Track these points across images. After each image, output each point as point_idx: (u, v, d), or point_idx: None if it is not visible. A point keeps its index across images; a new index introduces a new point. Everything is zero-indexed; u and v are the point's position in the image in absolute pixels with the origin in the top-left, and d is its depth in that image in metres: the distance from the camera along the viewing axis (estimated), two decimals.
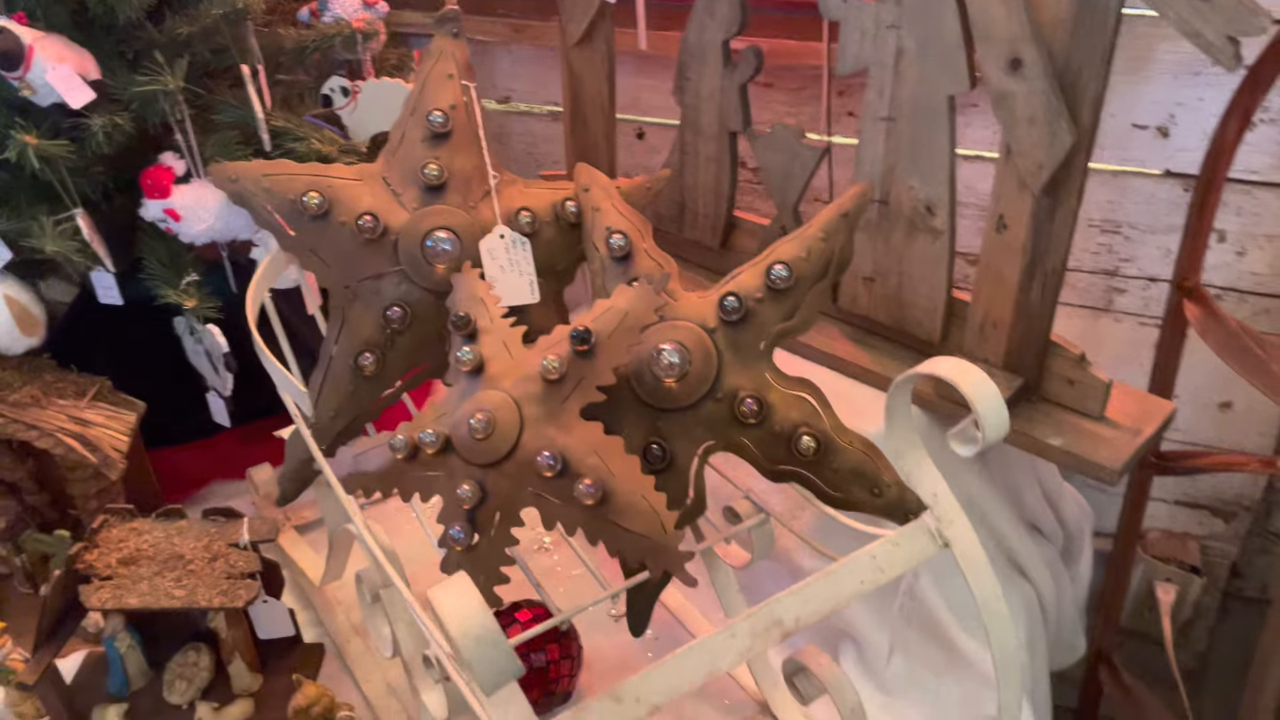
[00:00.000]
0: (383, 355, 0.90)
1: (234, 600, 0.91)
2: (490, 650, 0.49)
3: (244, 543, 0.95)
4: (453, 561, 0.79)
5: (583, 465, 0.76)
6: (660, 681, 0.60)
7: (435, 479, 0.82)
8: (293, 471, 0.93)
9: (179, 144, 1.05)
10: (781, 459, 0.83)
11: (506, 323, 0.85)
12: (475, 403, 0.79)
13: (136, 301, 1.22)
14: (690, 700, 1.01)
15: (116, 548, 0.94)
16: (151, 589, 0.91)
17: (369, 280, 0.91)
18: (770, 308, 0.84)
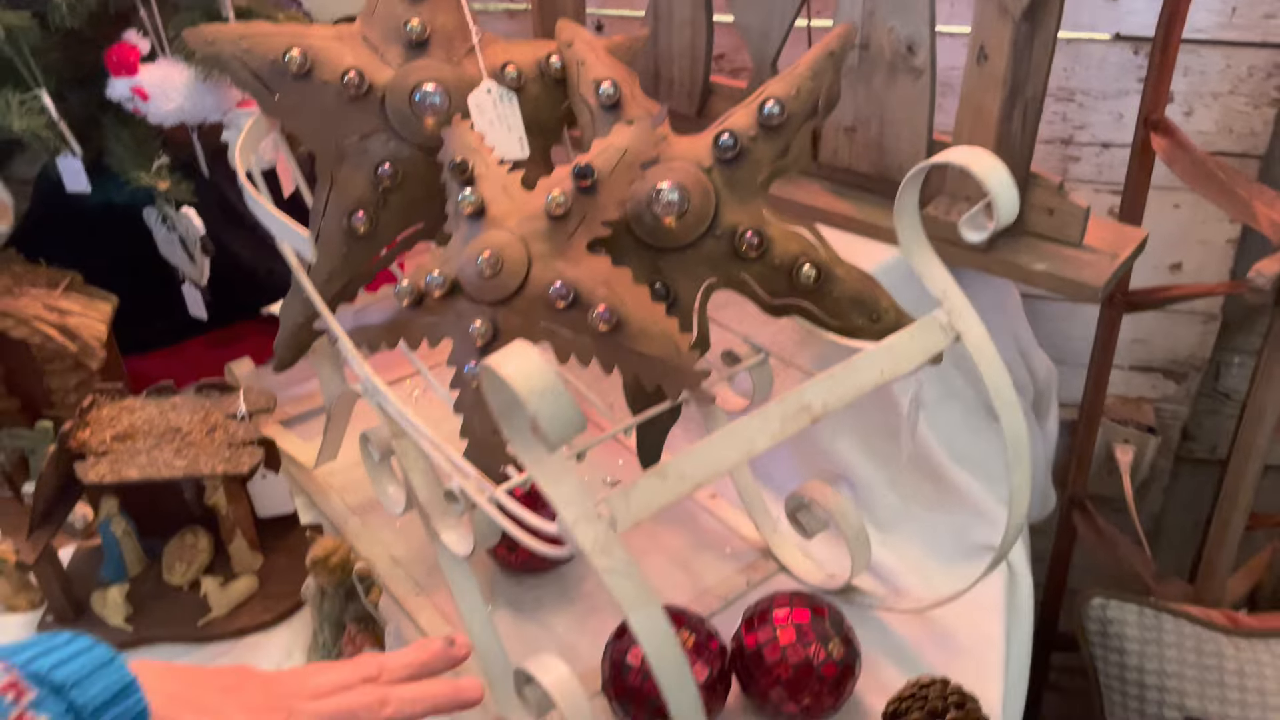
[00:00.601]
0: (375, 214, 0.90)
1: (238, 466, 0.90)
2: (558, 401, 0.50)
3: (241, 414, 0.95)
4: (468, 400, 0.80)
5: (594, 295, 0.77)
6: (701, 459, 0.62)
7: (441, 323, 0.82)
8: (289, 337, 0.92)
9: (143, 22, 1.02)
10: (783, 291, 0.85)
11: (503, 168, 0.85)
12: (481, 243, 0.80)
13: (103, 203, 1.20)
14: (694, 550, 1.03)
15: (109, 425, 0.93)
16: (150, 461, 0.90)
17: (356, 140, 0.90)
18: (764, 145, 0.85)
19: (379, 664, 0.64)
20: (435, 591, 0.99)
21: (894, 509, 1.02)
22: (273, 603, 0.97)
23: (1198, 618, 1.00)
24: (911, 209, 0.74)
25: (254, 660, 0.93)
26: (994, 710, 0.86)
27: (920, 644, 0.91)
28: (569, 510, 0.57)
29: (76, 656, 0.53)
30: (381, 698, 0.61)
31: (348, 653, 0.86)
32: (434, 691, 0.64)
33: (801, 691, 0.81)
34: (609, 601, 0.98)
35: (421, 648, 0.66)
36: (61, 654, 0.52)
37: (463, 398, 0.80)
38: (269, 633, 0.95)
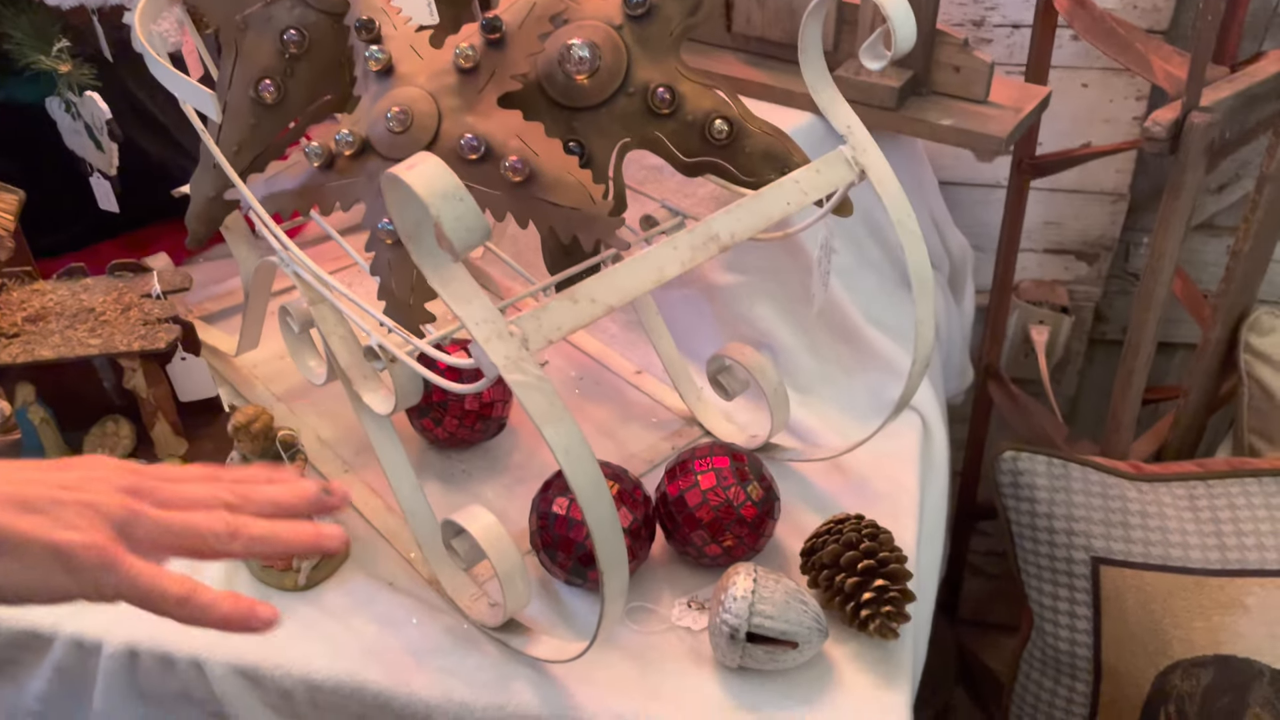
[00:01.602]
0: (282, 83, 0.88)
1: (155, 343, 0.89)
2: (461, 204, 0.50)
3: (156, 293, 0.93)
4: (384, 261, 0.80)
5: (505, 147, 0.77)
6: (611, 283, 0.63)
7: (354, 184, 0.82)
8: (201, 210, 0.91)
9: None
10: (696, 149, 0.86)
11: (411, 27, 0.84)
12: (390, 99, 0.79)
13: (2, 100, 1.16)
14: (620, 421, 1.05)
15: (20, 308, 0.91)
16: (64, 340, 0.89)
17: (260, 7, 0.88)
18: (674, 1, 0.86)
19: (242, 494, 0.58)
20: (364, 469, 0.99)
21: (812, 372, 1.05)
22: None
23: (1103, 465, 1.05)
24: (815, 45, 0.75)
25: None
26: (909, 549, 0.89)
27: (838, 492, 0.94)
28: (480, 329, 0.58)
29: None
30: (232, 529, 0.55)
31: None
32: (291, 534, 0.57)
33: (723, 533, 0.83)
34: (539, 471, 1.01)
35: (292, 489, 0.60)
36: None
37: (379, 259, 0.80)
38: None
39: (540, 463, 1.01)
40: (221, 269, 1.27)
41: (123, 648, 0.83)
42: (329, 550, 0.59)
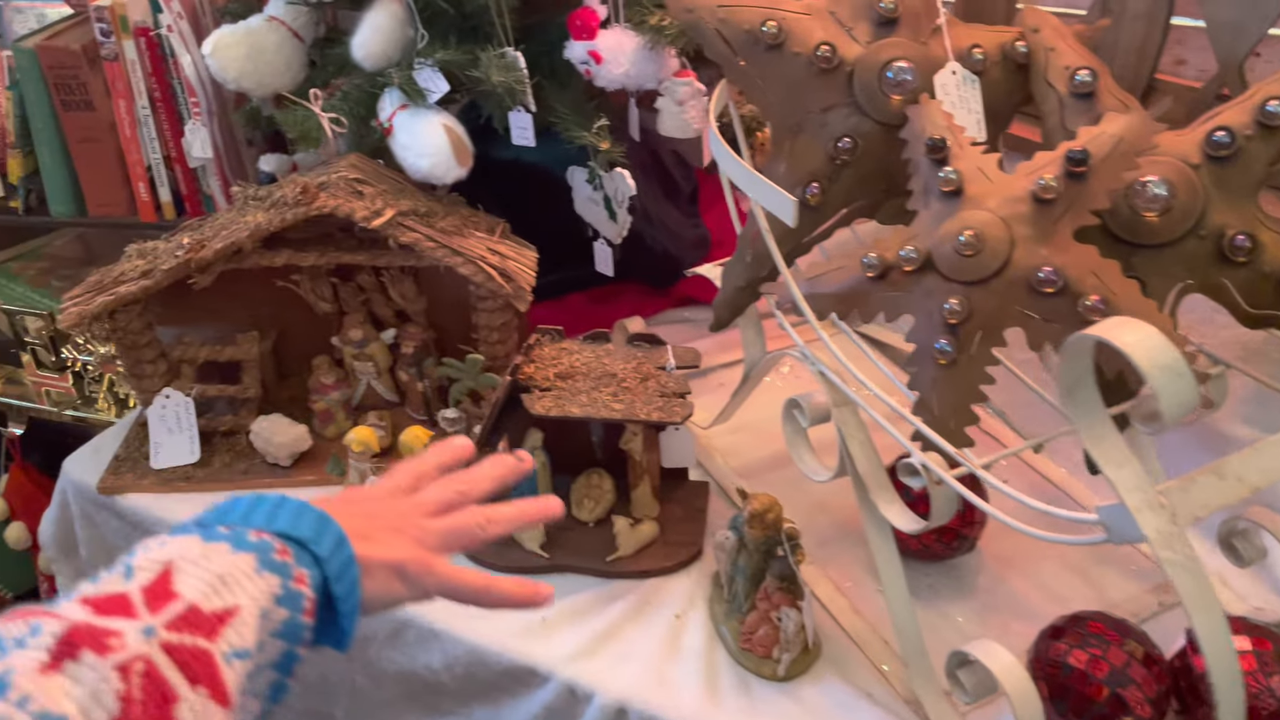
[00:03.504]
0: (827, 187, 0.91)
1: (671, 415, 0.94)
2: (1180, 380, 0.49)
3: (671, 367, 0.99)
4: (928, 378, 0.80)
5: (1083, 284, 0.75)
6: (1259, 462, 0.59)
7: (904, 298, 0.82)
8: (729, 298, 0.95)
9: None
10: (1268, 303, 0.80)
11: (978, 149, 0.84)
12: (960, 221, 0.79)
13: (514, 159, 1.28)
14: (1094, 561, 0.99)
15: (551, 363, 0.99)
16: (591, 401, 0.96)
17: (817, 112, 0.92)
18: (1260, 145, 0.80)
19: (469, 482, 0.68)
20: (827, 563, 1.00)
21: None
22: (672, 550, 1.01)
23: None
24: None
25: (658, 603, 0.97)
26: None
27: None
28: (1132, 496, 0.56)
29: (299, 515, 0.58)
30: (488, 518, 0.66)
31: (762, 609, 0.89)
32: (525, 509, 0.69)
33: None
34: (1008, 600, 0.97)
35: (497, 463, 0.71)
36: (286, 514, 0.58)
37: (922, 375, 0.80)
38: (669, 578, 1.00)
39: (1008, 591, 0.97)
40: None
41: (613, 702, 0.88)
42: (553, 515, 0.70)
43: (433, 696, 1.01)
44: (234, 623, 0.51)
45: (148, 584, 0.50)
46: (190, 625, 0.49)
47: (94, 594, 0.50)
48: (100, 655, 0.46)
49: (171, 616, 0.49)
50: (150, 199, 1.56)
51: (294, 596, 0.54)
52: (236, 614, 0.51)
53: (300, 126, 1.11)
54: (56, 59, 1.47)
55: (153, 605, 0.49)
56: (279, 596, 0.53)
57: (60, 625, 0.46)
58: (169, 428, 1.12)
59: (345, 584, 0.58)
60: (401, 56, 1.09)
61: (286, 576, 0.54)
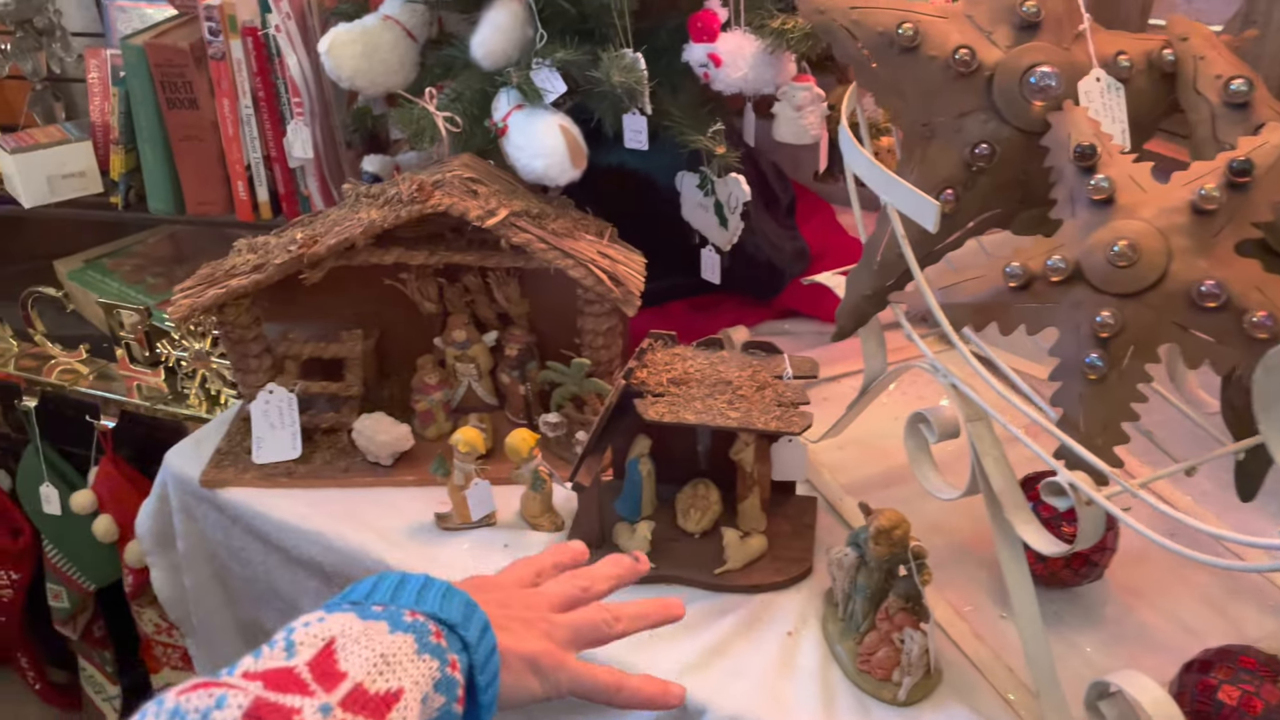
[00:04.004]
0: (961, 194, 0.88)
1: (790, 426, 0.92)
2: None
3: (788, 375, 0.96)
4: (1074, 393, 0.76)
5: (1247, 300, 0.72)
6: None
7: (1048, 310, 0.79)
8: (853, 307, 0.93)
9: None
10: None
11: (1129, 157, 0.81)
12: (1113, 231, 0.76)
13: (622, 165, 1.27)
14: (1228, 594, 0.95)
15: (665, 369, 0.97)
16: (706, 408, 0.93)
17: (952, 118, 0.89)
18: None
19: (589, 576, 0.70)
20: (945, 586, 0.96)
21: None
22: (782, 565, 0.98)
23: None
24: None
25: (768, 619, 0.94)
26: None
27: None
28: None
29: (446, 597, 0.57)
30: (615, 615, 0.68)
31: (883, 630, 0.86)
32: (649, 610, 0.71)
33: None
34: (1137, 632, 0.93)
35: (615, 563, 0.72)
36: (434, 595, 0.57)
37: (1068, 391, 0.77)
38: (779, 594, 0.97)
39: (1138, 622, 0.93)
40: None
41: (726, 718, 0.85)
42: (676, 617, 0.72)
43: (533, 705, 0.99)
44: (399, 705, 0.50)
45: (312, 660, 0.50)
46: (360, 706, 0.49)
47: (261, 669, 0.49)
48: None
49: (343, 695, 0.49)
50: (248, 198, 1.58)
51: (450, 683, 0.54)
52: (401, 697, 0.50)
53: (415, 125, 1.10)
54: (164, 57, 1.50)
55: (322, 683, 0.49)
56: (438, 681, 0.53)
57: (245, 699, 0.46)
58: (271, 423, 1.12)
59: (489, 674, 0.57)
60: (520, 56, 1.09)
61: (443, 661, 0.54)
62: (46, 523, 1.71)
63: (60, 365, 1.62)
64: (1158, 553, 0.98)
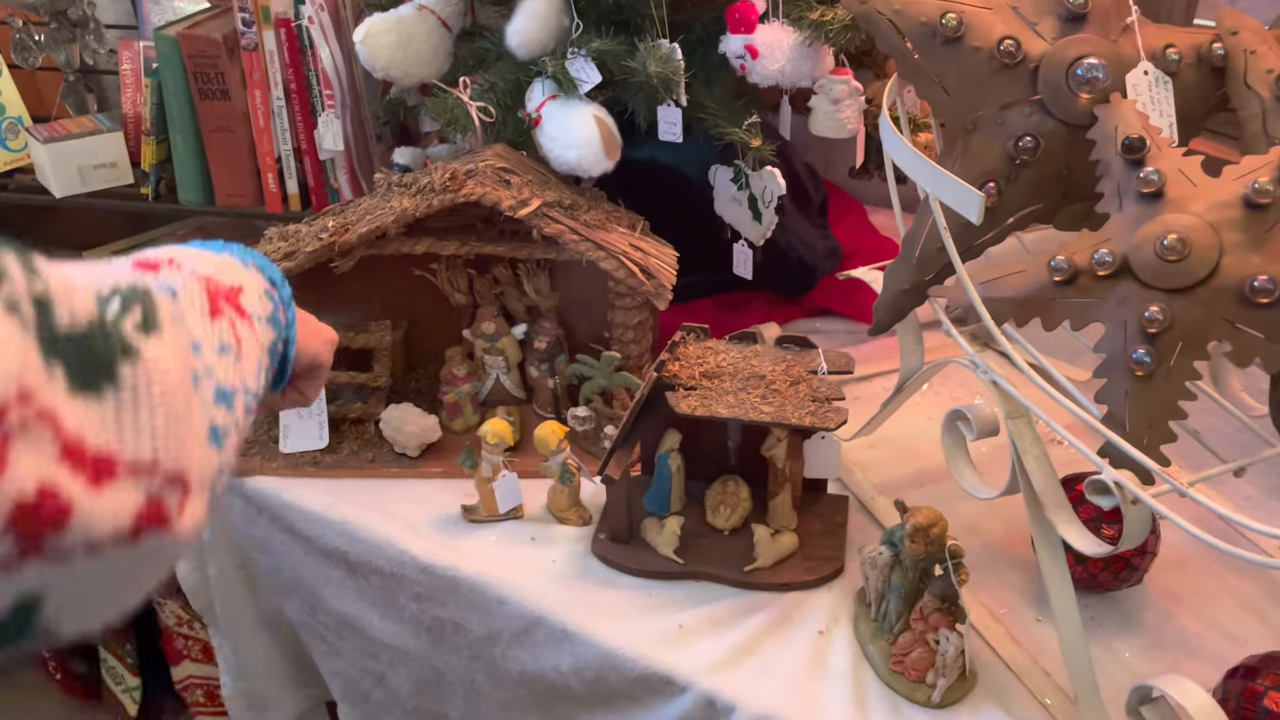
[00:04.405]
0: (1003, 188, 0.87)
1: (825, 421, 0.90)
2: None
3: (823, 370, 0.95)
4: (1119, 391, 0.75)
5: None
6: None
7: (1094, 305, 0.77)
8: (891, 301, 0.91)
9: None
10: None
11: (1178, 150, 0.79)
12: (1162, 224, 0.74)
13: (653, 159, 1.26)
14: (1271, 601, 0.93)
15: (697, 362, 0.96)
16: (738, 402, 0.92)
17: (995, 110, 0.87)
18: None
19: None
20: (978, 587, 0.94)
21: None
22: (813, 564, 0.97)
23: None
24: None
25: (799, 618, 0.93)
26: None
27: None
28: None
29: (266, 260, 0.67)
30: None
31: (917, 630, 0.84)
32: None
33: None
34: (1177, 638, 0.91)
35: None
36: (256, 255, 0.67)
37: (1113, 387, 0.75)
38: (810, 592, 0.95)
39: (1177, 628, 0.91)
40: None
41: (756, 718, 0.83)
42: None
43: (556, 701, 0.98)
44: (244, 294, 0.59)
45: (165, 261, 0.56)
46: (211, 285, 0.56)
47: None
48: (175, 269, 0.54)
49: (202, 272, 0.56)
50: (278, 190, 1.57)
51: (274, 298, 0.65)
52: (243, 289, 0.60)
53: (449, 114, 1.10)
54: (197, 48, 1.49)
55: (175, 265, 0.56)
56: (266, 290, 0.63)
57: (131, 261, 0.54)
58: (299, 412, 1.11)
59: (289, 319, 0.68)
60: (555, 45, 1.08)
61: (269, 281, 0.65)
62: None
63: None
64: (1198, 557, 0.98)
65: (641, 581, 0.97)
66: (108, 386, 0.40)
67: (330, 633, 1.13)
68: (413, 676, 1.09)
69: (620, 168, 1.13)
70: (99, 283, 0.44)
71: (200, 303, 0.53)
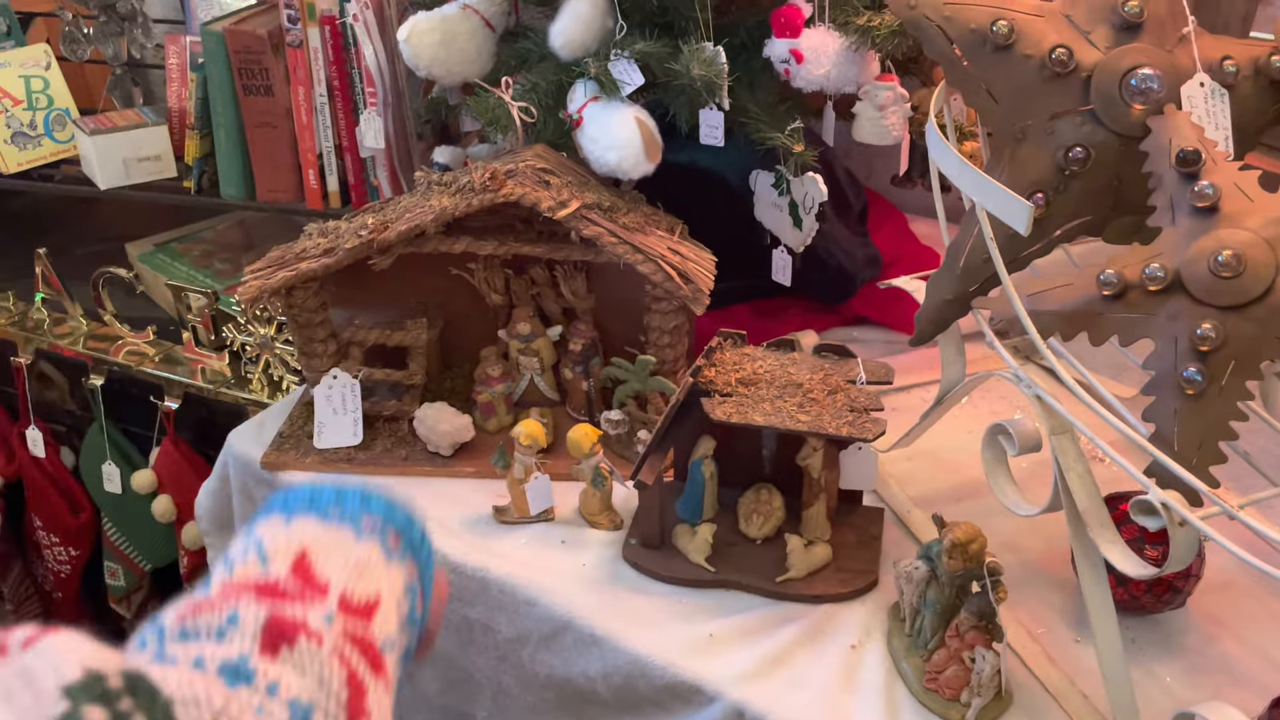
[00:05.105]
0: (1051, 199, 0.85)
1: (863, 432, 0.89)
2: None
3: (861, 380, 0.94)
4: (1168, 409, 0.73)
5: None
6: None
7: (1143, 321, 0.76)
8: (933, 311, 0.90)
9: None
10: None
11: (1234, 164, 0.78)
12: (1216, 240, 0.73)
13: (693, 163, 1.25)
14: None
15: (734, 369, 0.95)
16: (775, 410, 0.91)
17: (1044, 119, 0.86)
18: None
19: None
20: (1016, 606, 0.93)
21: None
22: (847, 577, 0.95)
23: None
24: None
25: (831, 631, 0.91)
26: None
27: None
28: None
29: (390, 505, 0.55)
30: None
31: (952, 648, 0.82)
32: None
33: None
34: (1220, 663, 0.89)
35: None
36: (379, 502, 0.54)
37: (1162, 406, 0.73)
38: (843, 605, 0.94)
39: (1220, 653, 0.89)
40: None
41: None
42: None
43: (583, 706, 0.97)
44: (380, 611, 0.49)
45: (290, 570, 0.48)
46: (350, 610, 0.47)
47: (241, 582, 0.47)
48: (315, 644, 0.43)
49: (336, 602, 0.47)
50: (318, 186, 1.58)
51: (411, 589, 0.53)
52: (380, 603, 0.49)
53: (490, 114, 1.10)
54: (243, 43, 1.51)
55: (308, 594, 0.47)
56: (407, 585, 0.52)
57: (260, 612, 0.44)
58: (334, 408, 1.11)
59: (428, 576, 0.56)
60: (598, 47, 1.07)
61: (405, 565, 0.53)
62: (107, 500, 1.72)
63: (128, 346, 1.64)
64: (1243, 580, 0.95)
65: (672, 588, 0.96)
66: None
67: None
68: (440, 676, 1.08)
69: (660, 171, 1.12)
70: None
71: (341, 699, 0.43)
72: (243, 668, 0.41)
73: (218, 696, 0.38)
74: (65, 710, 0.33)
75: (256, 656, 0.42)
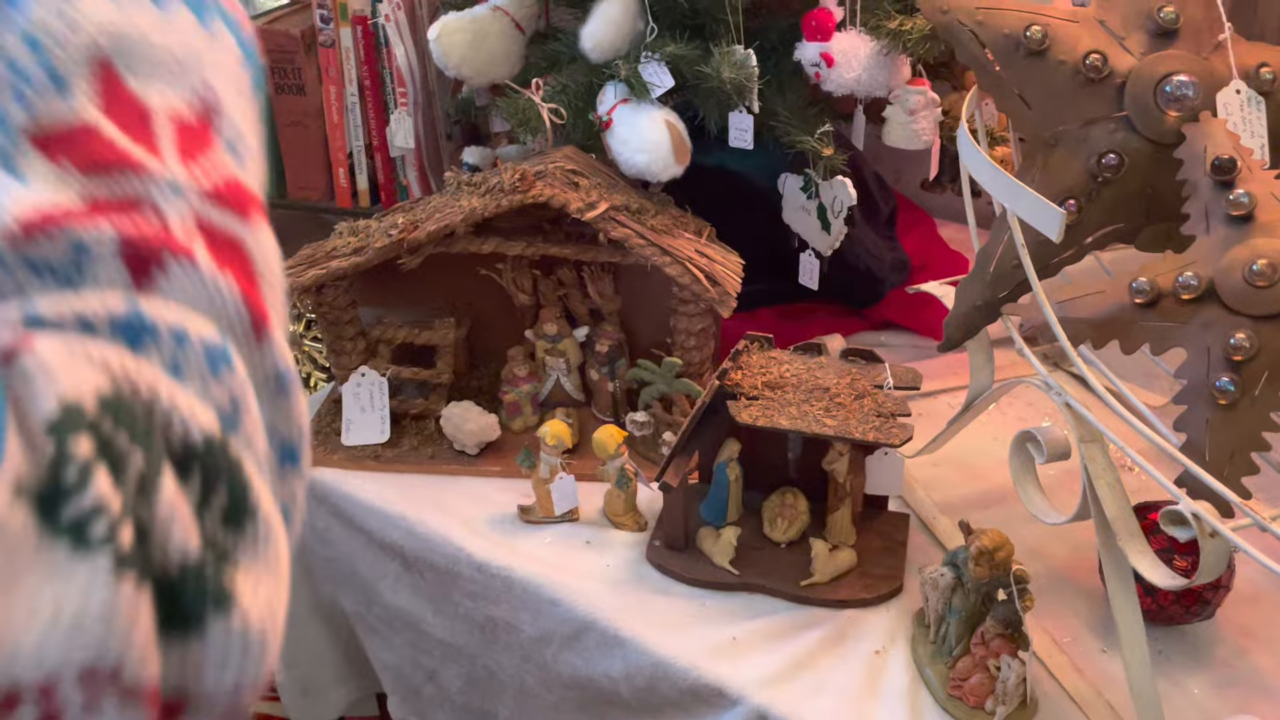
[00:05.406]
0: (1084, 205, 0.85)
1: (889, 438, 0.89)
2: None
3: (889, 385, 0.93)
4: (1200, 419, 0.72)
5: None
6: None
7: (1176, 330, 0.75)
8: (962, 317, 0.89)
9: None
10: None
11: (1270, 173, 0.77)
12: (1251, 249, 0.72)
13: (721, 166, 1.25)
14: None
15: (760, 372, 0.95)
16: (801, 414, 0.91)
17: (1077, 126, 0.85)
18: None
19: None
20: (1042, 615, 0.92)
21: None
22: (872, 582, 0.95)
23: None
24: None
25: (855, 636, 0.91)
26: None
27: None
28: None
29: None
30: None
31: (977, 655, 0.82)
32: None
33: None
34: (1250, 675, 0.88)
35: None
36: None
37: (1194, 415, 0.73)
38: (867, 611, 0.93)
39: (1250, 666, 0.88)
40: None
41: None
42: None
43: (605, 707, 0.97)
44: (223, 116, 0.36)
45: (99, 96, 0.33)
46: (190, 139, 0.34)
47: (44, 134, 0.32)
48: (184, 261, 0.31)
49: (171, 140, 0.33)
50: (348, 185, 1.59)
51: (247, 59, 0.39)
52: (220, 104, 0.36)
53: (520, 115, 1.10)
54: (276, 42, 1.52)
55: (136, 149, 0.33)
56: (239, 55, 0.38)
57: (105, 227, 0.31)
58: (362, 406, 1.12)
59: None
60: (629, 49, 1.08)
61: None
62: None
63: None
64: (1273, 592, 0.94)
65: (695, 591, 0.96)
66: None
67: (384, 626, 1.13)
68: (464, 674, 1.09)
69: (689, 173, 1.12)
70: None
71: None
72: (136, 321, 0.30)
73: (143, 379, 0.29)
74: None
75: (141, 299, 0.31)
